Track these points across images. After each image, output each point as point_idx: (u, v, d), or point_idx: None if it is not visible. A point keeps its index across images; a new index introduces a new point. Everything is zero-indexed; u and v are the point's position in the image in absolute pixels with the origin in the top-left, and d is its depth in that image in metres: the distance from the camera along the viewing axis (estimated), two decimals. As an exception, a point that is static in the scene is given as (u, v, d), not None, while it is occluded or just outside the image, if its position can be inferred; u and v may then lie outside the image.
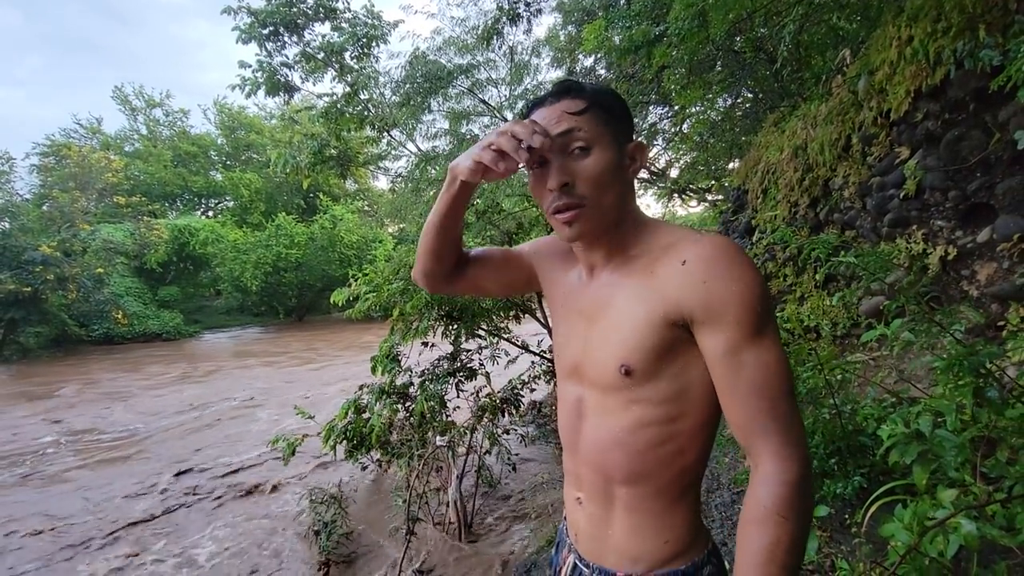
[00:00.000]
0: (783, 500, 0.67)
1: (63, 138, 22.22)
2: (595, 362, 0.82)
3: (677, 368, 0.76)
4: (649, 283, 0.76)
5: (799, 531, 0.67)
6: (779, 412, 0.69)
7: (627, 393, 0.78)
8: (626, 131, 0.82)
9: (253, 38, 6.16)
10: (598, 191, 0.78)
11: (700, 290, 0.71)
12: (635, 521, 0.81)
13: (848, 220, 3.61)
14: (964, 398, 1.41)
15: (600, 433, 0.83)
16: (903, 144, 2.98)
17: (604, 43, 6.36)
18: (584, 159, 0.77)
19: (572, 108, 0.78)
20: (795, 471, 0.68)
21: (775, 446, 0.69)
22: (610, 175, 0.78)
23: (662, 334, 0.74)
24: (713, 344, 0.71)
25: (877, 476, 1.94)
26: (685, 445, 0.78)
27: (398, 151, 6.56)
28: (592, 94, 0.80)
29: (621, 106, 0.82)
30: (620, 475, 0.81)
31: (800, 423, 0.71)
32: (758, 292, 0.70)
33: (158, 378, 11.41)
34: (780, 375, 0.69)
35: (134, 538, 4.04)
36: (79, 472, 5.61)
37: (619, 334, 0.78)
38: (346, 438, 4.04)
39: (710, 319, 0.71)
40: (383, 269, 4.70)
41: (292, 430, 5.23)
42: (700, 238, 0.75)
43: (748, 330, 0.69)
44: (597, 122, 0.78)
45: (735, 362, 0.70)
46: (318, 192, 24.11)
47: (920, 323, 1.54)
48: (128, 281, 19.26)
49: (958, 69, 2.46)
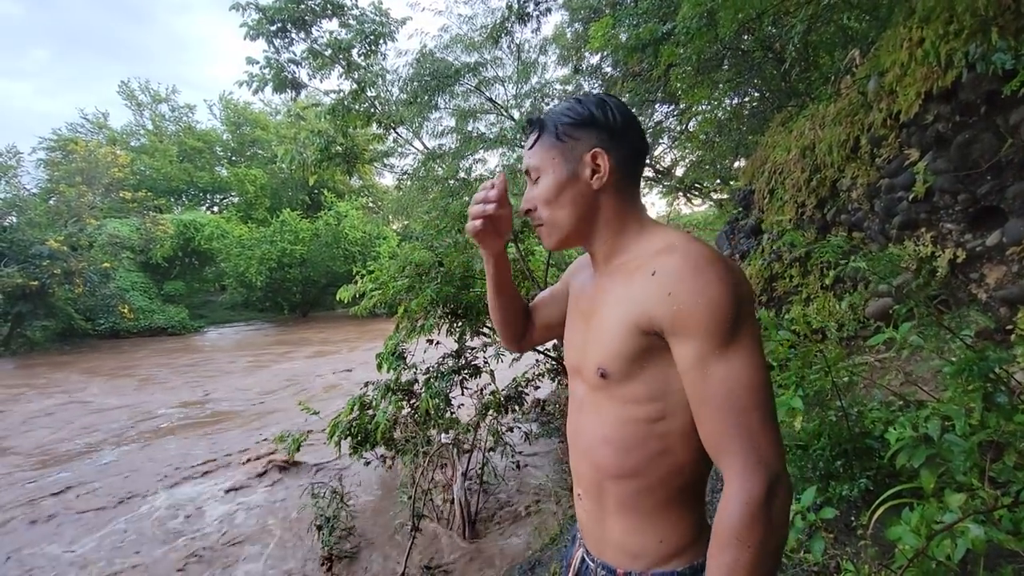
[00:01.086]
0: (741, 522, 0.65)
1: (70, 133, 22.32)
2: (587, 362, 0.85)
3: (653, 372, 0.76)
4: (627, 290, 0.78)
5: (760, 554, 0.64)
6: (746, 427, 0.67)
7: (609, 392, 0.81)
8: (586, 142, 0.83)
9: (261, 34, 6.15)
10: (549, 211, 0.86)
11: (666, 302, 0.71)
12: (627, 518, 0.83)
13: (855, 222, 3.60)
14: (973, 403, 1.41)
15: (591, 428, 0.86)
16: (913, 146, 2.97)
17: (611, 41, 6.34)
18: (534, 187, 0.88)
19: (528, 145, 0.88)
20: (758, 491, 0.65)
21: (740, 463, 0.67)
22: (555, 193, 0.85)
23: (635, 341, 0.76)
24: (681, 356, 0.72)
25: (883, 479, 1.94)
26: (673, 445, 0.78)
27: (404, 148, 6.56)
28: (545, 123, 0.86)
29: (580, 121, 0.84)
30: (610, 470, 0.83)
31: (772, 438, 0.67)
32: (726, 304, 0.68)
33: (207, 366, 12.22)
34: (749, 388, 0.67)
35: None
36: (200, 431, 6.83)
37: (601, 337, 0.81)
38: (351, 434, 4.07)
39: (677, 331, 0.71)
40: (388, 266, 4.72)
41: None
42: (680, 247, 0.75)
43: (714, 342, 0.68)
44: (545, 148, 0.86)
45: (701, 374, 0.69)
46: (323, 188, 24.16)
47: (930, 327, 1.54)
48: (134, 276, 19.36)
49: (970, 72, 2.45)
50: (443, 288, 4.15)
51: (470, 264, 4.53)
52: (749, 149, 7.09)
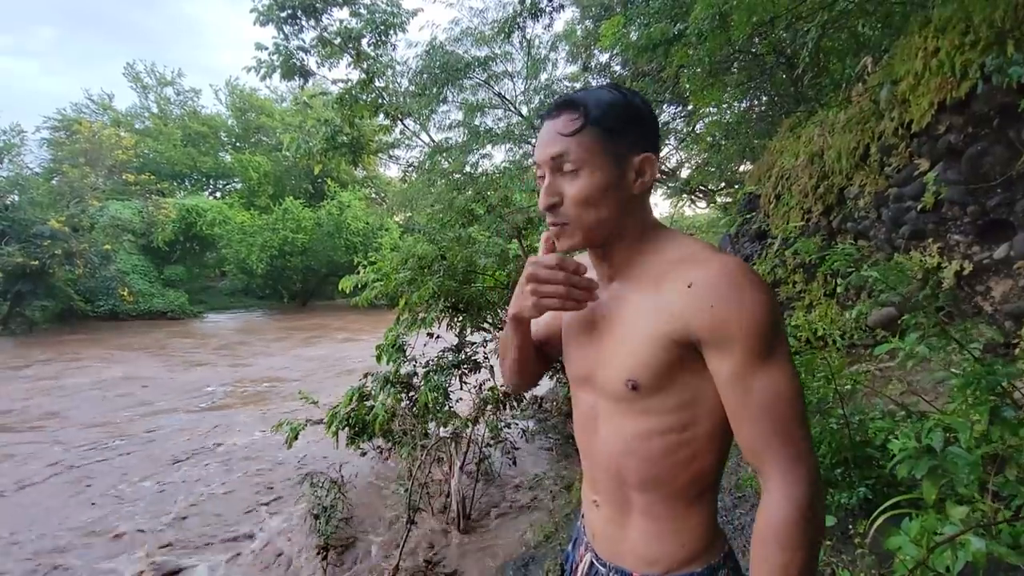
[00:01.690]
0: (793, 522, 0.68)
1: (75, 113, 22.25)
2: (605, 374, 0.83)
3: (686, 381, 0.76)
4: (655, 300, 0.76)
5: (809, 552, 0.68)
6: (789, 435, 0.69)
7: (635, 404, 0.79)
8: (635, 143, 0.79)
9: (271, 20, 6.12)
10: (581, 211, 0.79)
11: (707, 315, 0.70)
12: (652, 525, 0.82)
13: (862, 230, 3.59)
14: (979, 415, 1.41)
15: (613, 440, 0.84)
16: (923, 156, 2.96)
17: (621, 40, 6.31)
18: (571, 180, 0.78)
19: (565, 129, 0.78)
20: (804, 494, 0.68)
21: (785, 468, 0.69)
22: (599, 195, 0.78)
23: (668, 352, 0.74)
24: (721, 368, 0.71)
25: (883, 488, 1.94)
26: (700, 450, 0.78)
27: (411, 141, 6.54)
28: (591, 110, 0.77)
29: (630, 116, 0.79)
30: (634, 481, 0.82)
31: (810, 445, 0.71)
32: (766, 317, 0.69)
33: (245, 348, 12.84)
34: (790, 398, 0.69)
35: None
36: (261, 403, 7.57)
37: (626, 349, 0.79)
38: (348, 425, 4.07)
39: (717, 344, 0.71)
40: (391, 259, 4.72)
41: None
42: (709, 258, 0.74)
43: (756, 355, 0.69)
44: (592, 141, 0.77)
45: (744, 387, 0.70)
46: (326, 178, 24.11)
47: (938, 339, 1.54)
48: (135, 259, 19.34)
49: (985, 83, 2.43)
50: (445, 282, 4.15)
51: (473, 259, 4.53)
52: (756, 153, 7.07)
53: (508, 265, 5.11)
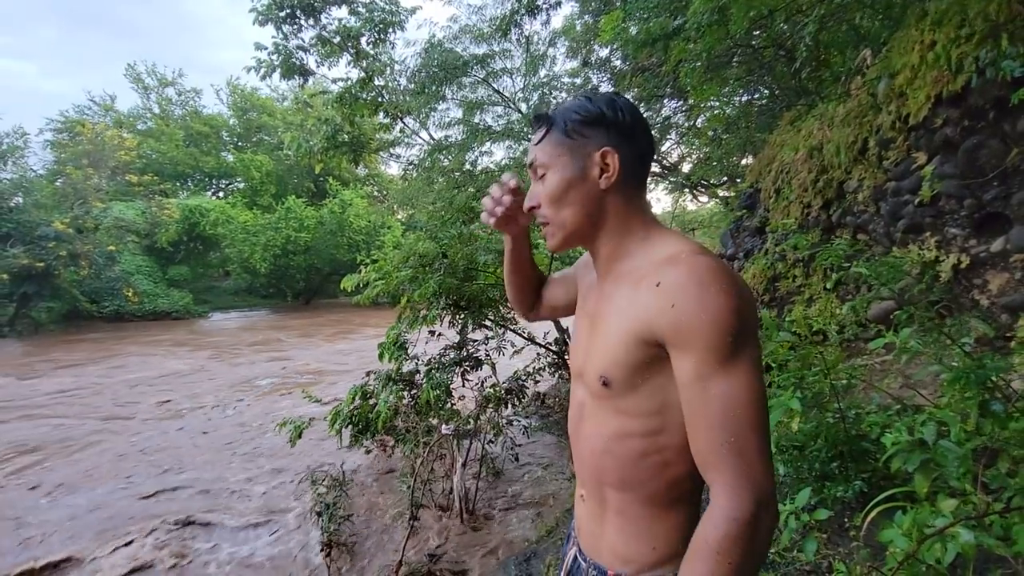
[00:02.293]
0: (727, 538, 0.64)
1: (77, 115, 22.32)
2: (589, 369, 0.84)
3: (656, 384, 0.76)
4: (632, 299, 0.77)
5: (737, 571, 0.64)
6: (741, 446, 0.66)
7: (610, 402, 0.81)
8: (597, 140, 0.81)
9: (270, 19, 6.14)
10: (554, 210, 0.85)
11: (669, 314, 0.69)
12: (625, 524, 0.83)
13: (861, 224, 3.59)
14: (969, 409, 1.42)
15: (594, 437, 0.85)
16: (920, 150, 2.96)
17: (621, 35, 6.29)
18: (541, 183, 0.86)
19: (535, 140, 0.86)
20: (747, 509, 0.64)
21: (731, 480, 0.66)
22: (562, 192, 0.83)
23: (638, 350, 0.75)
24: (681, 369, 0.70)
25: (878, 481, 1.96)
26: (671, 459, 0.77)
27: (411, 139, 6.56)
28: (553, 117, 0.84)
29: (589, 117, 0.81)
30: (610, 479, 0.83)
31: (764, 460, 0.67)
32: (729, 321, 0.67)
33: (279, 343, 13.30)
34: (748, 407, 0.67)
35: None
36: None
37: (604, 346, 0.81)
38: (351, 423, 4.10)
39: (678, 344, 0.70)
40: (392, 256, 4.74)
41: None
42: (686, 258, 0.73)
43: (716, 359, 0.67)
44: (553, 145, 0.84)
45: (700, 389, 0.68)
46: (328, 176, 24.15)
47: (930, 333, 1.55)
48: (139, 259, 19.44)
49: (980, 77, 2.43)
50: (446, 279, 4.16)
51: (474, 256, 4.54)
52: (757, 147, 7.05)
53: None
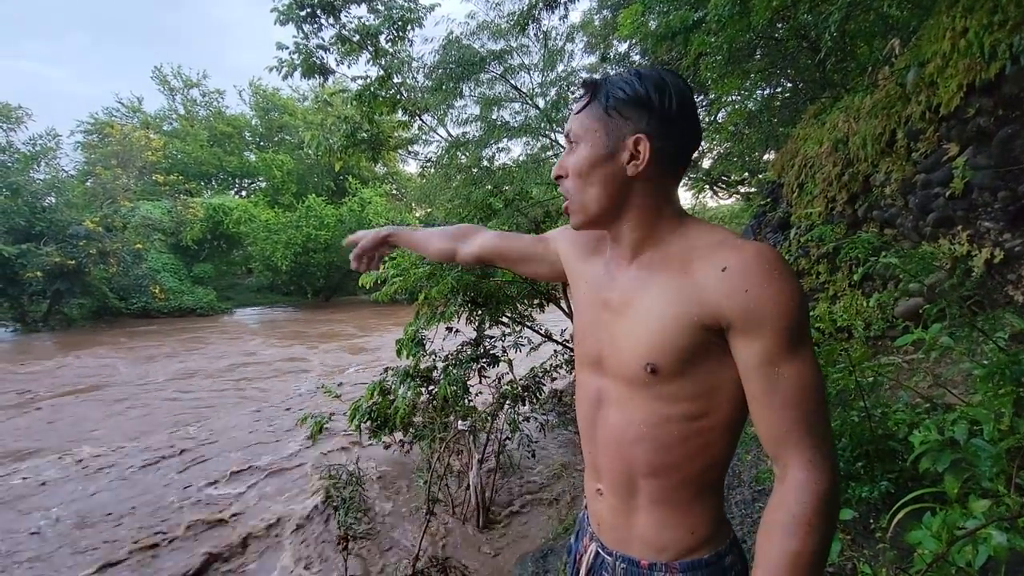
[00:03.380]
0: (813, 509, 0.67)
1: (106, 117, 22.95)
2: (619, 356, 0.81)
3: (706, 369, 0.75)
4: (683, 283, 0.75)
5: (824, 542, 0.68)
6: (812, 425, 0.69)
7: (651, 389, 0.78)
8: (635, 124, 0.78)
9: (291, 19, 6.22)
10: (578, 185, 0.83)
11: (741, 299, 0.70)
12: (660, 512, 0.82)
13: (888, 218, 3.49)
14: (1004, 407, 1.37)
15: (621, 426, 0.83)
16: (952, 141, 2.86)
17: (640, 29, 6.22)
18: (570, 154, 0.83)
19: (576, 109, 0.83)
20: (826, 482, 0.68)
21: (807, 457, 0.69)
22: (587, 168, 0.81)
23: (693, 336, 0.74)
24: (749, 354, 0.71)
25: (905, 482, 1.90)
26: (713, 439, 0.78)
27: (429, 136, 6.58)
28: (599, 86, 0.81)
29: (633, 97, 0.77)
30: (644, 468, 0.81)
31: (831, 436, 0.71)
32: (799, 305, 0.69)
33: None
34: (815, 388, 0.70)
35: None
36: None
37: (646, 331, 0.77)
38: (371, 418, 4.14)
39: (749, 328, 0.70)
40: (410, 253, 4.76)
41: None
42: (742, 244, 0.73)
43: (787, 343, 0.69)
44: (591, 118, 0.81)
45: (772, 373, 0.70)
46: (348, 175, 24.40)
47: (961, 328, 1.49)
48: (165, 257, 19.91)
49: (1014, 64, 2.34)
50: (463, 276, 4.17)
51: (491, 253, 4.53)
52: (779, 141, 6.91)
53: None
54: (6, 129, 15.62)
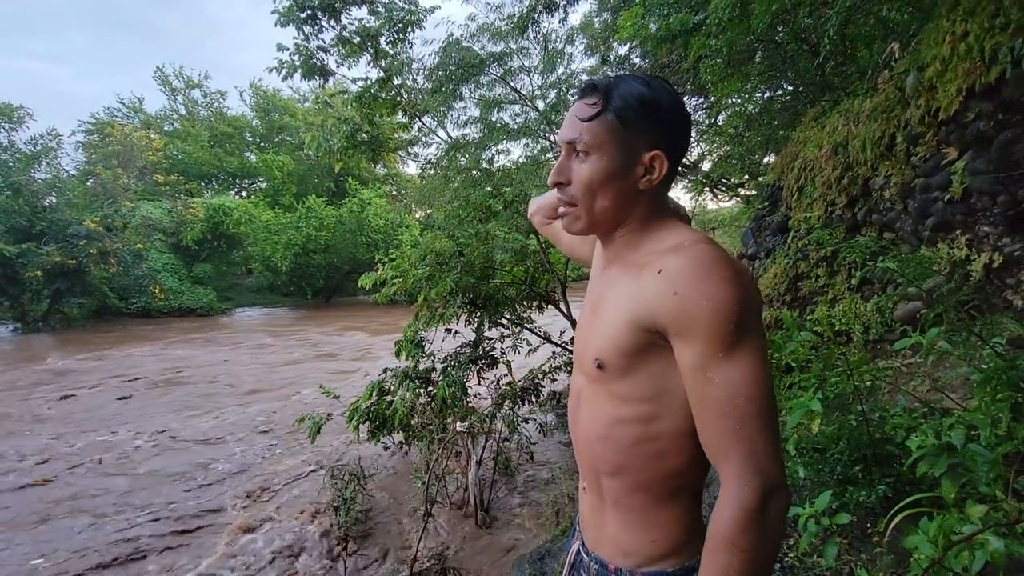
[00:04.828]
0: (738, 527, 0.64)
1: (107, 117, 22.98)
2: (587, 352, 0.84)
3: (652, 371, 0.75)
4: (634, 285, 0.76)
5: (751, 561, 0.64)
6: (745, 434, 0.65)
7: (605, 387, 0.80)
8: (650, 138, 0.77)
9: (291, 21, 6.21)
10: (587, 196, 0.80)
11: (671, 302, 0.69)
12: (622, 515, 0.83)
13: (887, 222, 3.49)
14: (1001, 412, 1.37)
15: (589, 423, 0.85)
16: (951, 145, 2.86)
17: (640, 31, 6.22)
18: (579, 164, 0.80)
19: (583, 113, 0.79)
20: (753, 497, 0.64)
21: (737, 469, 0.65)
22: (601, 183, 0.79)
23: (634, 336, 0.74)
24: (683, 358, 0.70)
25: (903, 486, 1.90)
26: (667, 448, 0.77)
27: (428, 138, 6.57)
28: (612, 98, 0.77)
29: (649, 111, 0.77)
30: (605, 467, 0.83)
31: (771, 447, 0.66)
32: (732, 308, 0.66)
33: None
34: (751, 395, 0.66)
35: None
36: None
37: (602, 329, 0.80)
38: (369, 419, 4.14)
39: (680, 332, 0.69)
40: (410, 255, 4.76)
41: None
42: (689, 247, 0.72)
43: (717, 347, 0.66)
44: (605, 129, 0.77)
45: (702, 378, 0.68)
46: (348, 176, 24.42)
47: (958, 333, 1.49)
48: (165, 257, 19.92)
49: (1015, 68, 2.34)
50: (463, 278, 4.18)
51: (490, 254, 4.54)
52: (779, 144, 6.91)
53: (526, 261, 5.11)
54: (7, 129, 15.64)
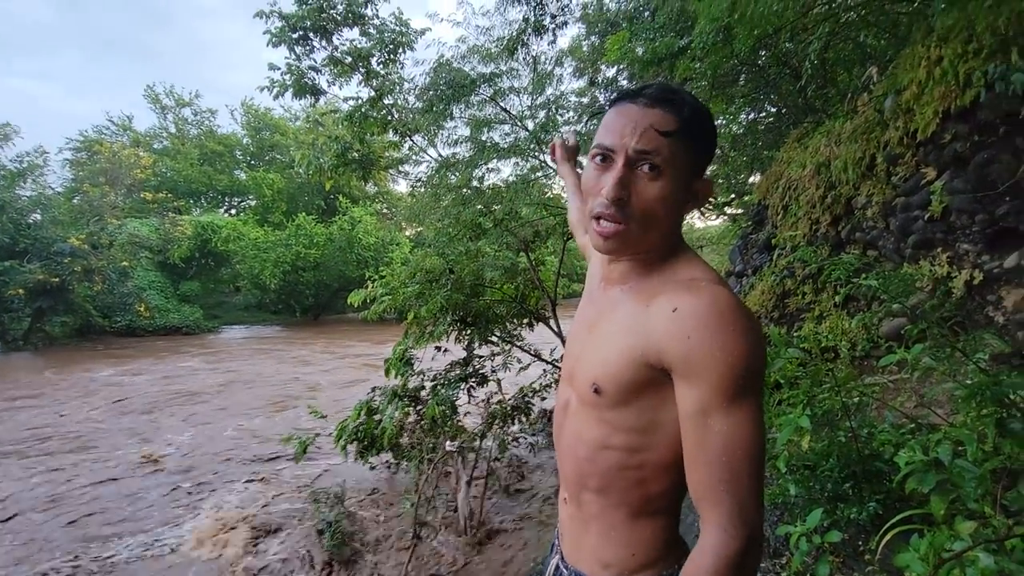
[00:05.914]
0: (714, 573, 0.65)
1: (95, 134, 22.86)
2: (582, 371, 0.83)
3: (648, 404, 0.75)
4: (641, 315, 0.75)
5: None
6: (737, 486, 0.66)
7: (597, 411, 0.80)
8: (703, 163, 0.78)
9: (283, 42, 6.27)
10: (648, 219, 0.75)
11: (683, 345, 0.68)
12: (603, 528, 0.83)
13: (871, 240, 3.55)
14: (986, 428, 1.38)
15: (576, 442, 0.85)
16: (929, 165, 2.93)
17: (627, 54, 6.36)
18: (650, 182, 0.73)
19: (663, 126, 0.72)
20: (736, 548, 0.65)
21: (724, 518, 0.66)
22: (667, 207, 0.75)
23: (636, 371, 0.74)
24: (685, 401, 0.70)
25: (893, 503, 1.90)
26: (649, 476, 0.78)
27: (419, 156, 6.62)
28: (689, 115, 0.74)
29: (708, 134, 0.77)
30: (589, 483, 0.83)
31: (757, 500, 0.67)
32: (742, 360, 0.66)
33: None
34: (747, 449, 0.66)
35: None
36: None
37: (600, 354, 0.79)
38: (357, 439, 4.08)
39: (687, 375, 0.69)
40: (399, 272, 4.76)
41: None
42: (704, 287, 0.72)
43: (723, 397, 0.66)
44: (681, 149, 0.73)
45: (703, 424, 0.68)
46: (338, 194, 24.42)
47: (942, 349, 1.51)
48: (151, 275, 19.69)
49: (989, 91, 2.42)
50: (453, 295, 4.16)
51: (481, 272, 4.54)
52: (764, 164, 7.05)
53: (516, 278, 5.12)
54: (-7, 146, 15.51)
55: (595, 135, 0.79)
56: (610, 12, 8.57)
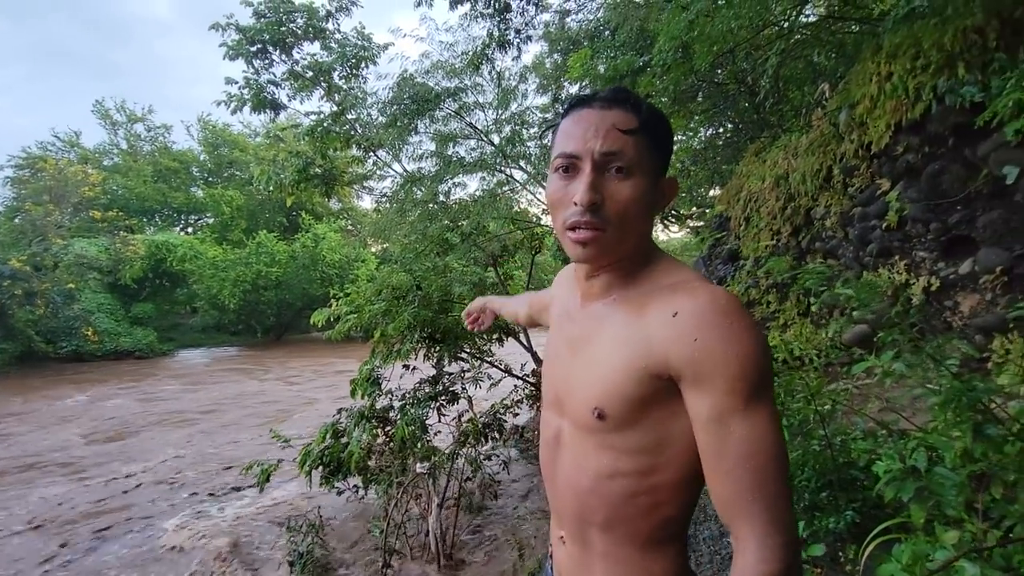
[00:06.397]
0: None
1: (40, 151, 21.74)
2: (574, 398, 0.77)
3: (656, 419, 0.70)
4: (636, 325, 0.70)
5: None
6: (767, 492, 0.61)
7: (601, 437, 0.73)
8: (665, 161, 0.76)
9: (241, 55, 6.13)
10: (624, 221, 0.72)
11: (690, 348, 0.64)
12: (610, 566, 0.77)
13: (830, 249, 3.65)
14: (961, 434, 1.39)
15: (576, 474, 0.78)
16: (884, 176, 3.04)
17: (589, 72, 6.47)
18: (621, 182, 0.71)
19: (624, 124, 0.71)
20: (782, 560, 0.60)
21: (761, 531, 0.61)
22: (640, 207, 0.72)
23: (642, 385, 0.68)
24: (700, 408, 0.65)
25: (869, 511, 1.90)
26: (664, 499, 0.72)
27: (384, 171, 6.54)
28: (646, 114, 0.73)
29: (667, 133, 0.76)
30: (596, 519, 0.77)
31: (790, 506, 0.63)
32: (756, 357, 0.63)
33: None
34: (770, 452, 0.62)
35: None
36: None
37: (596, 374, 0.73)
38: (323, 463, 3.90)
39: (698, 380, 0.64)
40: (365, 289, 4.62)
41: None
42: (699, 287, 0.69)
43: (740, 398, 0.62)
44: (643, 147, 0.72)
45: (722, 431, 0.63)
46: (301, 210, 23.90)
47: (915, 356, 1.52)
48: (100, 297, 18.68)
49: (938, 104, 2.52)
50: (421, 312, 4.06)
51: (448, 288, 4.46)
52: (724, 178, 7.25)
53: (485, 293, 5.06)
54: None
55: (553, 147, 0.76)
56: (571, 31, 8.72)
